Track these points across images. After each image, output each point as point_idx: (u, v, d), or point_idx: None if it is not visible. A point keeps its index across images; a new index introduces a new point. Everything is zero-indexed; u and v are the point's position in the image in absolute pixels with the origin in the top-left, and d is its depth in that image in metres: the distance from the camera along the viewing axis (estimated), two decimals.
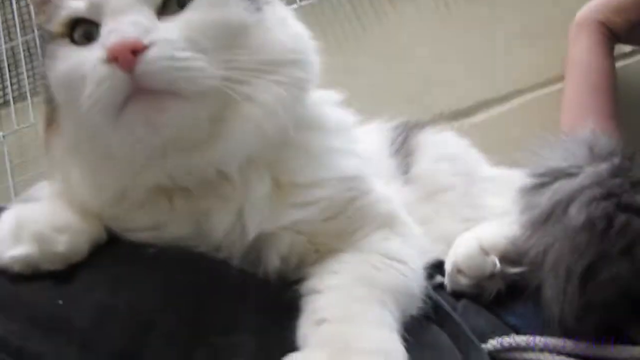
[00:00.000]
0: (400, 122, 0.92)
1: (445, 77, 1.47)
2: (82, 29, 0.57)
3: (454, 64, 1.49)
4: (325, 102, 0.67)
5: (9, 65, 1.59)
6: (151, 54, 0.51)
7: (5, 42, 1.61)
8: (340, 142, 0.65)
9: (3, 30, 1.62)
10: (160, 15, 0.55)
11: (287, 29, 0.62)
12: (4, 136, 1.51)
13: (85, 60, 0.54)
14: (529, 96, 1.49)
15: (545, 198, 0.68)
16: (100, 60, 0.51)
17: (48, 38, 0.59)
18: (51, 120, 0.61)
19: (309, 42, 0.63)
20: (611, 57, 1.26)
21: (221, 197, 0.59)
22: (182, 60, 0.52)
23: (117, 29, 0.52)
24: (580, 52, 1.27)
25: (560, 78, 1.47)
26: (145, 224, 0.60)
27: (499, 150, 1.01)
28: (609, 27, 1.25)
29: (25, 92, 1.54)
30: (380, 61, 1.48)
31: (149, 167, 0.57)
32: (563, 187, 0.67)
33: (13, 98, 1.55)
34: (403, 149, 0.85)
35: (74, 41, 0.57)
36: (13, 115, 1.53)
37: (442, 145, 0.89)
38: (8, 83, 1.57)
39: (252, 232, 0.58)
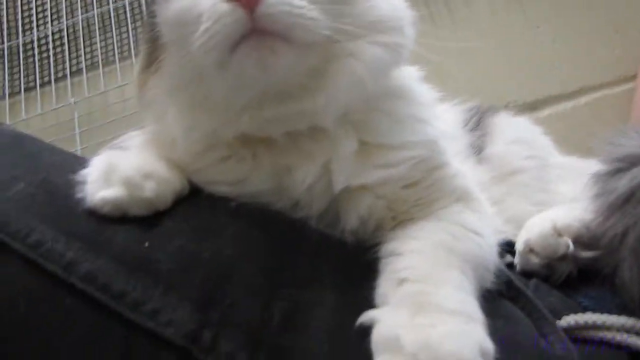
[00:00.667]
0: (474, 104, 0.92)
1: (513, 71, 1.46)
2: None
3: (523, 57, 1.49)
4: (411, 77, 0.68)
5: (83, 36, 1.64)
6: None
7: (82, 14, 1.66)
8: (424, 113, 0.66)
9: (80, 1, 1.68)
10: None
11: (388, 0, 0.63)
12: (75, 102, 1.56)
13: (202, 1, 0.55)
14: (596, 94, 1.47)
15: (623, 182, 0.67)
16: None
17: None
18: (151, 61, 0.63)
19: (407, 13, 0.64)
20: None
21: (306, 152, 0.60)
22: (299, 8, 0.53)
23: None
24: None
25: (631, 78, 1.45)
26: (228, 178, 0.62)
27: (563, 146, 1.00)
28: None
29: (98, 62, 1.60)
30: (448, 52, 1.47)
31: (245, 111, 0.58)
32: None
33: (86, 67, 1.60)
34: (477, 129, 0.85)
35: None
36: (85, 82, 1.58)
37: (517, 129, 0.89)
38: (82, 52, 1.62)
39: (339, 186, 0.59)
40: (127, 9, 1.64)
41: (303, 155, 0.60)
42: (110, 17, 1.64)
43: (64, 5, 1.69)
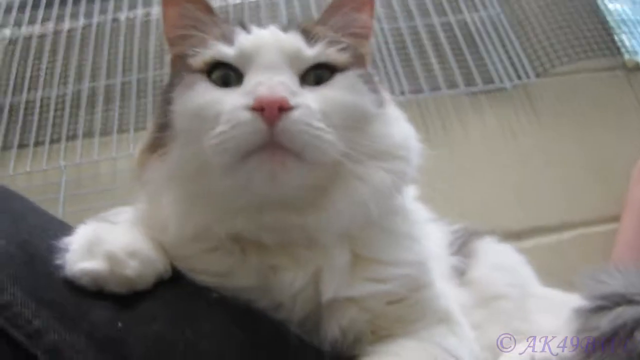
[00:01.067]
0: (460, 226, 0.92)
1: (501, 197, 1.48)
2: (222, 72, 0.60)
3: (512, 185, 1.51)
4: (407, 195, 0.70)
5: (87, 103, 1.66)
6: (294, 115, 0.53)
7: (89, 82, 1.69)
8: (417, 232, 0.68)
9: (91, 71, 1.71)
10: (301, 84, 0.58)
11: (401, 128, 0.66)
12: (65, 166, 1.55)
13: (223, 101, 0.56)
14: (581, 230, 1.49)
15: (606, 321, 0.67)
16: (244, 106, 0.54)
17: (184, 69, 0.62)
18: (157, 145, 0.63)
19: (416, 143, 0.66)
20: None
21: (297, 257, 0.60)
22: (317, 130, 0.55)
23: (267, 83, 0.55)
24: None
25: (614, 219, 1.47)
26: (214, 269, 0.61)
27: (545, 278, 1.00)
28: None
29: (96, 130, 1.61)
30: (439, 173, 1.49)
31: (243, 214, 0.58)
32: (627, 312, 0.66)
33: (83, 133, 1.61)
34: (462, 251, 0.85)
35: (211, 79, 0.60)
36: (79, 149, 1.58)
37: (500, 255, 0.89)
38: (82, 118, 1.63)
39: (327, 296, 0.59)
40: (134, 84, 1.67)
41: (293, 259, 0.60)
42: (116, 89, 1.67)
43: (72, 72, 1.72)
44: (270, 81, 0.55)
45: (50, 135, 1.62)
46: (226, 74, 0.60)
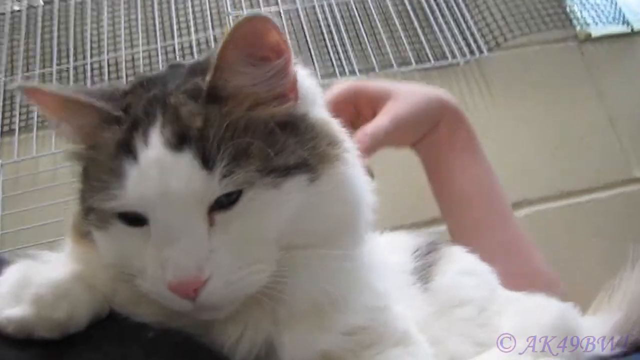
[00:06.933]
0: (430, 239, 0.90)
1: None
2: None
3: None
4: None
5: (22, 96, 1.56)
6: (210, 287, 0.51)
7: (23, 72, 1.59)
8: (375, 259, 0.65)
9: (22, 60, 1.61)
10: (210, 213, 0.52)
11: (342, 192, 0.58)
12: (2, 165, 1.47)
13: (143, 255, 0.53)
14: (537, 207, 1.49)
15: None
16: (162, 281, 0.51)
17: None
18: (85, 235, 0.59)
19: (364, 191, 0.61)
20: None
21: (246, 314, 0.57)
22: (238, 281, 0.52)
23: (173, 264, 0.51)
24: None
25: (570, 194, 1.49)
26: (154, 310, 0.57)
27: None
28: None
29: (33, 124, 1.52)
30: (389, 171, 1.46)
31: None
32: None
33: (19, 128, 1.52)
34: (427, 256, 0.83)
35: (120, 216, 0.54)
36: (16, 145, 1.49)
37: (467, 261, 0.87)
38: (17, 112, 1.54)
39: None
40: (71, 72, 1.58)
41: (243, 315, 0.57)
42: (52, 79, 1.57)
43: (4, 61, 1.62)
44: (175, 258, 0.50)
45: None
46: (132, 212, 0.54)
